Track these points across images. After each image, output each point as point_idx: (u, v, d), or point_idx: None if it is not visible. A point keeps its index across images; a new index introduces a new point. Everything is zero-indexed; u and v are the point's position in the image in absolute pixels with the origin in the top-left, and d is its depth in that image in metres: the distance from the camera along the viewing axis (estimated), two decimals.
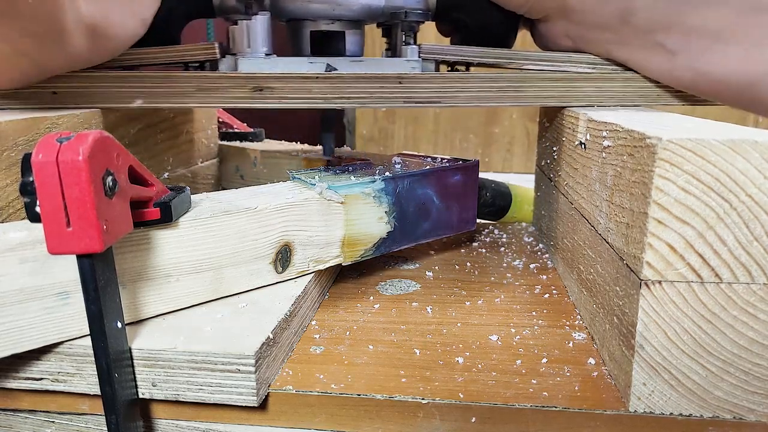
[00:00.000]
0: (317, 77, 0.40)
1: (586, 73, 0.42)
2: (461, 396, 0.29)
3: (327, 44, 0.46)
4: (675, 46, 0.39)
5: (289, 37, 0.47)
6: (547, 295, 0.42)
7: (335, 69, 0.43)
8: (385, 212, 0.42)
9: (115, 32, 0.38)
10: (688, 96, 0.42)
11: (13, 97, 0.40)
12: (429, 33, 0.61)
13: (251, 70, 0.42)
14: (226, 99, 0.41)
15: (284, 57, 0.44)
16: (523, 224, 0.63)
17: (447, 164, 0.47)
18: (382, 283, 0.45)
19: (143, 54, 0.41)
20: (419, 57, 0.44)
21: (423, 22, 0.46)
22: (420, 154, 0.52)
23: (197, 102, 0.41)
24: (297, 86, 0.41)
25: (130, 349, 0.29)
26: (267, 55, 0.44)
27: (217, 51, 0.42)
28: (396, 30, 0.46)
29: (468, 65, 0.46)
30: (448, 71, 0.46)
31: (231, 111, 0.76)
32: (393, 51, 0.47)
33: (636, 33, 0.40)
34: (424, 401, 0.29)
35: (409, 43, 0.45)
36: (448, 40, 0.53)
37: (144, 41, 0.41)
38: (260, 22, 0.43)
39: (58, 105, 0.41)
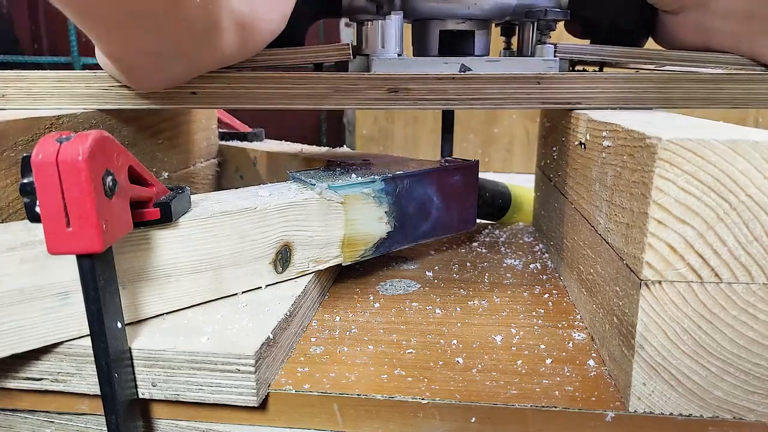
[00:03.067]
0: (453, 78, 0.39)
1: (734, 74, 0.40)
2: (461, 396, 0.29)
3: (456, 44, 0.45)
4: None
5: (414, 38, 0.47)
6: (547, 295, 0.42)
7: (470, 69, 0.42)
8: (385, 212, 0.42)
9: (261, 27, 0.38)
10: None
11: (151, 97, 0.40)
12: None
13: (386, 71, 0.41)
14: (361, 101, 0.40)
15: (418, 57, 0.43)
16: (523, 224, 0.63)
17: (447, 164, 0.47)
18: (382, 283, 0.45)
19: (277, 54, 0.41)
20: (555, 56, 0.42)
21: (561, 21, 0.45)
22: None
23: (334, 104, 0.40)
24: (433, 87, 0.40)
25: (130, 349, 0.29)
26: (399, 55, 0.43)
27: (351, 52, 0.41)
28: (527, 29, 0.45)
29: (602, 66, 0.45)
30: (576, 71, 0.45)
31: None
32: (520, 50, 0.46)
33: None
34: (424, 401, 0.29)
35: (544, 42, 0.43)
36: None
37: (273, 42, 0.41)
38: (394, 22, 0.42)
39: (196, 105, 0.41)
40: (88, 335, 0.27)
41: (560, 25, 0.50)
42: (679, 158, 0.24)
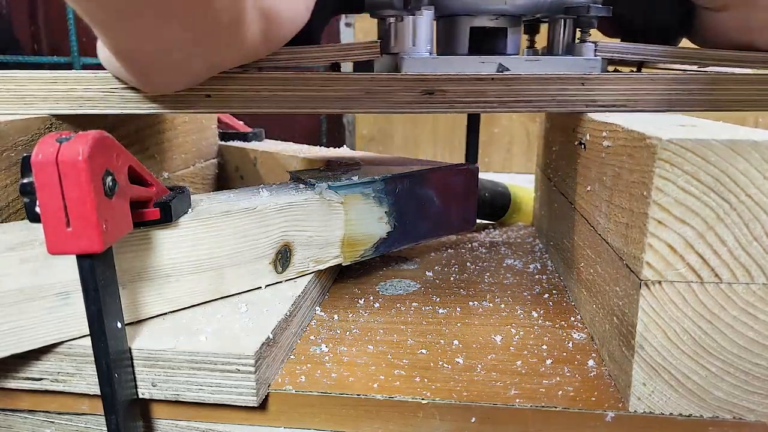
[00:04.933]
0: (492, 78, 0.37)
1: None
2: (461, 396, 0.29)
3: (488, 43, 0.42)
4: None
5: (441, 35, 0.44)
6: (547, 296, 0.42)
7: (508, 69, 0.39)
8: (385, 212, 0.42)
9: (285, 18, 0.34)
10: None
11: (159, 100, 0.37)
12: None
13: (419, 71, 0.38)
14: (393, 104, 0.37)
15: (451, 56, 0.40)
16: (523, 224, 0.63)
17: (447, 165, 0.47)
18: (382, 283, 0.45)
19: (298, 53, 0.37)
20: (596, 55, 0.40)
21: (603, 17, 0.42)
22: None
23: (364, 107, 0.37)
24: (470, 89, 0.37)
25: (130, 349, 0.29)
26: (430, 54, 0.40)
27: (379, 49, 0.38)
28: (559, 25, 0.42)
29: (640, 66, 0.43)
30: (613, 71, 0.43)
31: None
32: (549, 49, 0.44)
33: None
34: (424, 401, 0.29)
35: (584, 41, 0.41)
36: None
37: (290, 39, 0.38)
38: (426, 18, 0.39)
39: (210, 109, 0.37)
40: (88, 335, 0.27)
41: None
42: (679, 158, 0.24)
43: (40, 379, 0.30)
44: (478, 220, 0.56)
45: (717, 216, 0.25)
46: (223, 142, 0.70)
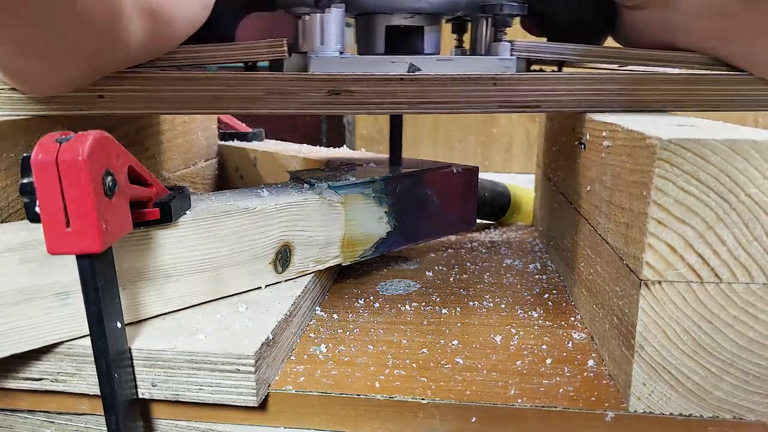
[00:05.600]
0: (402, 79, 0.36)
1: (707, 74, 0.37)
2: (461, 396, 0.29)
3: (404, 42, 0.41)
4: None
5: (359, 34, 0.43)
6: (547, 295, 0.42)
7: (419, 69, 0.38)
8: (385, 212, 0.42)
9: (176, 17, 0.32)
10: None
11: (51, 102, 0.35)
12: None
13: (326, 71, 0.37)
14: (299, 104, 0.36)
15: (361, 56, 0.39)
16: (523, 224, 0.63)
17: (447, 165, 0.47)
18: (382, 283, 0.45)
19: (201, 51, 0.36)
20: (512, 55, 0.39)
21: (518, 16, 0.41)
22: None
23: (269, 107, 0.36)
24: (379, 89, 0.36)
25: (129, 349, 0.29)
26: (340, 53, 0.39)
27: (286, 49, 0.37)
28: (481, 25, 0.42)
29: (560, 65, 0.42)
30: (532, 71, 0.42)
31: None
32: (473, 49, 0.43)
33: (765, 20, 0.33)
34: (424, 401, 0.29)
35: (500, 40, 0.40)
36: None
37: (196, 37, 0.36)
38: (335, 16, 0.38)
39: (106, 110, 0.35)
40: (88, 335, 0.27)
41: (516, 21, 0.46)
42: (679, 158, 0.24)
43: (40, 379, 0.30)
44: (478, 220, 0.56)
45: (717, 216, 0.25)
46: (223, 142, 0.70)
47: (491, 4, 0.40)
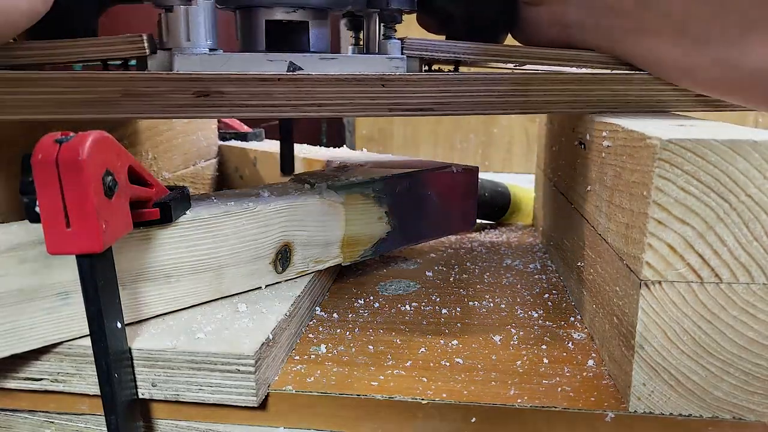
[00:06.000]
0: (279, 79, 0.33)
1: (600, 74, 0.36)
2: (461, 396, 0.29)
3: (287, 38, 0.38)
4: (706, 34, 0.31)
5: (238, 30, 0.39)
6: (547, 295, 0.42)
7: (300, 68, 0.35)
8: (385, 212, 0.42)
9: (7, 7, 0.28)
10: (709, 101, 0.35)
11: None
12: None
13: (193, 70, 0.34)
14: (162, 107, 0.32)
15: (235, 53, 0.35)
16: (523, 224, 0.63)
17: (447, 165, 0.47)
18: (382, 283, 0.45)
19: (44, 49, 0.32)
20: (403, 54, 0.37)
21: (408, 12, 0.39)
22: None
23: (125, 111, 0.32)
24: (254, 91, 0.32)
25: (130, 349, 0.29)
26: (212, 50, 0.35)
27: (146, 45, 0.33)
28: (371, 21, 0.39)
29: (457, 65, 0.39)
30: (427, 71, 0.39)
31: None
32: (366, 47, 0.40)
33: (656, 18, 0.33)
34: (424, 401, 0.29)
35: (389, 37, 0.37)
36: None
37: (46, 32, 0.32)
38: (203, 9, 0.34)
39: None
40: (88, 335, 0.27)
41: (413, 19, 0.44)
42: (679, 158, 0.24)
43: (40, 379, 0.30)
44: (478, 220, 0.56)
45: (717, 216, 0.25)
46: (223, 142, 0.70)
47: None
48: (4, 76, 0.31)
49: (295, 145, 0.68)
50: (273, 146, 0.67)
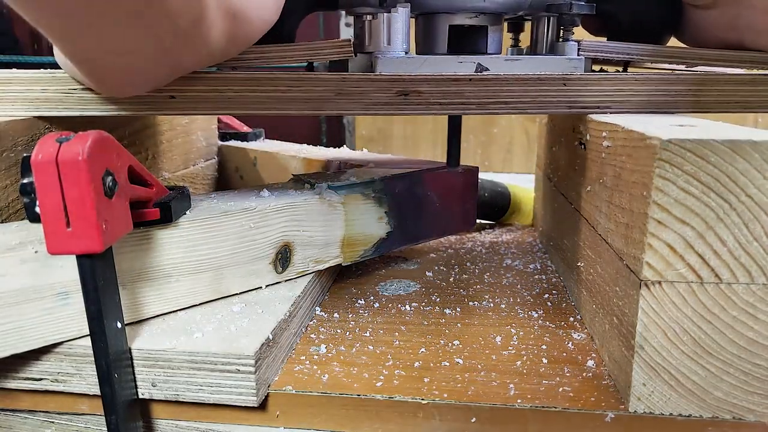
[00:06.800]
0: (470, 79, 0.35)
1: None
2: (461, 396, 0.29)
3: (468, 42, 0.41)
4: None
5: (419, 34, 0.43)
6: (547, 296, 0.42)
7: (487, 69, 0.38)
8: (385, 212, 0.42)
9: (253, 17, 0.32)
10: None
11: (123, 102, 0.35)
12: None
13: (393, 71, 0.37)
14: (367, 105, 0.36)
15: (428, 56, 0.39)
16: (523, 224, 0.63)
17: (446, 166, 0.47)
18: (382, 283, 0.45)
19: (268, 52, 0.36)
20: (579, 55, 0.38)
21: (587, 15, 0.40)
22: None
23: (336, 108, 0.36)
24: (447, 90, 0.35)
25: (130, 349, 0.29)
26: (406, 53, 0.38)
27: (352, 48, 0.36)
28: (542, 24, 0.41)
29: (626, 66, 0.42)
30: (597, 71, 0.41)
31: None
32: (533, 48, 0.42)
33: None
34: (424, 401, 0.29)
35: (567, 39, 0.39)
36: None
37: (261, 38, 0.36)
38: (402, 16, 0.38)
39: (176, 111, 0.36)
40: (88, 335, 0.27)
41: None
42: (679, 158, 0.24)
43: (40, 379, 0.30)
44: (478, 220, 0.56)
45: (717, 216, 0.25)
46: (223, 142, 0.70)
47: (559, 3, 0.39)
48: (240, 76, 0.35)
49: (296, 145, 0.68)
50: (273, 146, 0.67)
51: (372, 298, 0.42)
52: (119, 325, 0.27)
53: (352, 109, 0.36)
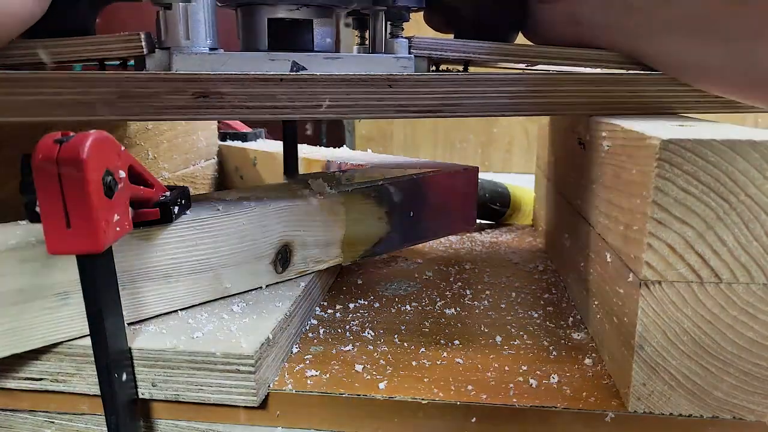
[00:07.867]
0: (281, 79, 0.31)
1: (618, 74, 0.34)
2: (461, 396, 0.29)
3: (290, 37, 0.37)
4: (725, 30, 0.29)
5: (240, 28, 0.38)
6: (546, 295, 0.42)
7: (304, 68, 0.34)
8: (385, 212, 0.42)
9: (4, 8, 0.28)
10: (726, 103, 0.33)
11: None
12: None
13: (191, 70, 0.32)
14: (159, 109, 0.31)
15: (236, 53, 0.34)
16: (523, 224, 0.63)
17: (447, 166, 0.47)
18: (382, 283, 0.45)
19: (33, 48, 0.31)
20: (411, 53, 0.35)
21: (416, 10, 0.38)
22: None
23: (119, 113, 0.31)
24: (255, 92, 0.31)
25: (130, 349, 0.29)
26: (212, 49, 0.34)
27: (143, 44, 0.32)
28: (378, 20, 0.38)
29: (466, 65, 0.38)
30: (434, 71, 0.38)
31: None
32: (372, 46, 0.38)
33: (674, 16, 0.31)
34: (424, 401, 0.29)
35: (397, 36, 0.36)
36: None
37: (42, 31, 0.31)
38: (203, 6, 0.33)
39: None
40: (88, 335, 0.27)
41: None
42: (679, 158, 0.24)
43: (40, 379, 0.30)
44: (478, 220, 0.56)
45: (717, 216, 0.25)
46: (223, 142, 0.70)
47: None
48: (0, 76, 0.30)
49: None
50: (273, 146, 0.67)
51: (372, 297, 0.42)
52: (119, 325, 0.27)
53: (140, 114, 0.31)
